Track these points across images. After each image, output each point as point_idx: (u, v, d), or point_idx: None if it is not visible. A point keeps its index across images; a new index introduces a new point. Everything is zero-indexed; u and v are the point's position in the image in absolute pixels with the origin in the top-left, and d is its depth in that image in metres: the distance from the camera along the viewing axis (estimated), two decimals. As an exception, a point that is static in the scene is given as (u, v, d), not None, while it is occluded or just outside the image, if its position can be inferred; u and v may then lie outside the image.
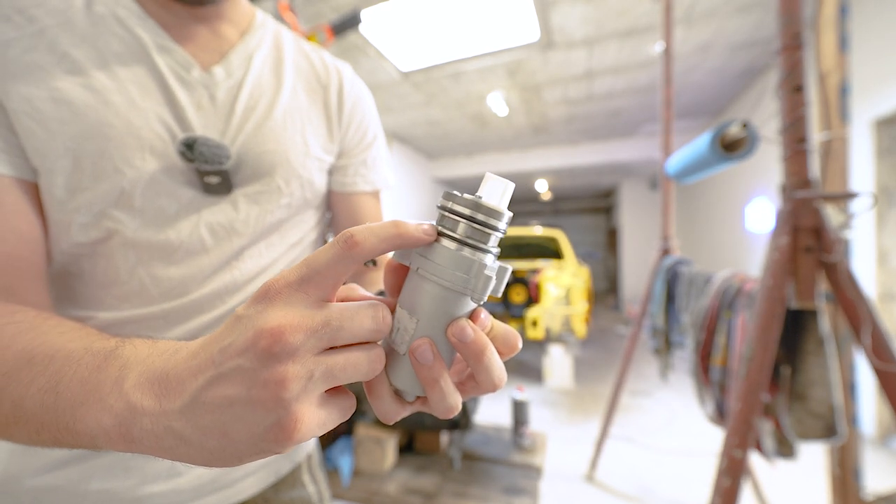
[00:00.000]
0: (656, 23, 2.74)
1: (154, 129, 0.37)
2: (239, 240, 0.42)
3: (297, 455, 0.54)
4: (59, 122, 0.33)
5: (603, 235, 11.02)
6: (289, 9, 1.49)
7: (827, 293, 0.90)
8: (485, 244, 0.21)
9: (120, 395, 0.20)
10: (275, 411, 0.18)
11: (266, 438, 0.18)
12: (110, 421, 0.20)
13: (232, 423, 0.18)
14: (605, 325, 6.08)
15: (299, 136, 0.46)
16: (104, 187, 0.35)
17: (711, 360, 1.25)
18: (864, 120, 2.31)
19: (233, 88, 0.42)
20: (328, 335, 0.19)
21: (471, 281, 0.21)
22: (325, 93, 0.50)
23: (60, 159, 0.33)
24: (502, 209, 0.21)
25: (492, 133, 5.33)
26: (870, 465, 1.98)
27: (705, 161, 1.26)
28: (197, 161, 0.37)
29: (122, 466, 0.39)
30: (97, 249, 0.37)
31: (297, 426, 0.18)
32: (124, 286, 0.38)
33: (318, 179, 0.49)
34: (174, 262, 0.39)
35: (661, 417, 2.76)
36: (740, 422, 0.84)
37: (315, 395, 0.19)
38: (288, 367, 0.18)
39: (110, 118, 0.35)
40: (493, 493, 1.39)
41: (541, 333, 3.36)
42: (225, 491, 0.44)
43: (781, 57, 0.91)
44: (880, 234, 2.30)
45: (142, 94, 0.37)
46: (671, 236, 1.96)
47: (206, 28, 0.42)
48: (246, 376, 0.18)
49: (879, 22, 2.24)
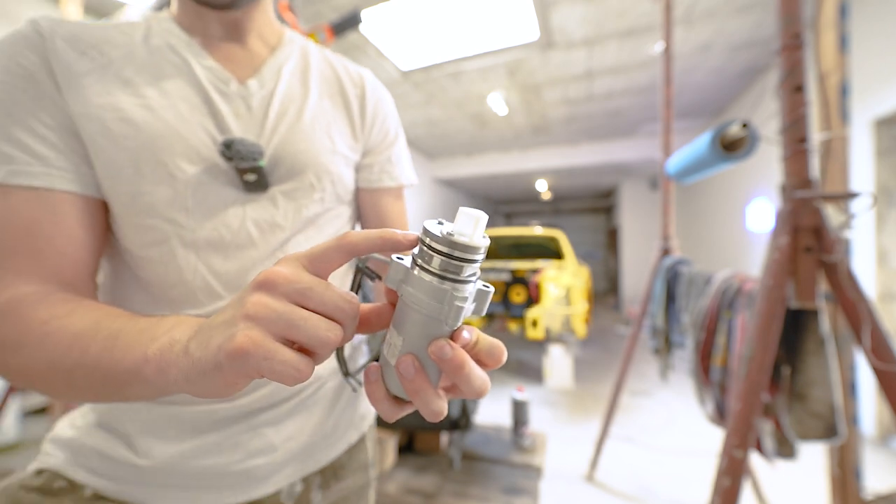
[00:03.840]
0: (656, 23, 2.74)
1: (199, 137, 0.42)
2: (282, 233, 0.47)
3: (365, 426, 0.62)
4: (124, 137, 0.39)
5: (603, 235, 11.02)
6: (289, 9, 1.49)
7: (827, 293, 0.90)
8: (458, 275, 0.24)
9: (169, 334, 0.27)
10: (237, 324, 0.22)
11: (223, 348, 0.22)
12: (154, 350, 0.26)
13: (213, 335, 0.23)
14: (605, 325, 6.08)
15: (326, 135, 0.51)
16: (162, 191, 0.41)
17: (711, 360, 1.25)
18: (864, 120, 2.31)
19: (266, 98, 0.47)
20: (303, 291, 0.23)
21: (444, 309, 0.23)
22: (348, 97, 0.55)
23: (125, 169, 0.39)
24: (474, 243, 0.23)
25: (492, 133, 5.33)
26: (870, 465, 1.98)
27: (705, 161, 1.26)
28: (235, 159, 0.42)
29: (229, 443, 0.45)
30: (163, 250, 0.42)
31: (246, 340, 0.21)
32: (189, 284, 0.42)
33: (347, 175, 0.54)
34: (229, 256, 0.44)
35: (661, 417, 2.76)
36: (740, 422, 0.84)
37: (274, 328, 0.22)
38: (263, 296, 0.23)
39: (163, 131, 0.41)
40: (493, 493, 1.39)
41: (541, 333, 3.36)
42: (310, 460, 0.51)
43: (781, 57, 0.91)
44: (880, 234, 2.30)
45: (189, 109, 0.43)
46: (671, 236, 1.96)
47: (239, 47, 0.49)
48: (239, 301, 0.23)
49: (879, 22, 2.24)
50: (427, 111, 4.44)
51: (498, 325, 3.86)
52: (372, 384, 0.27)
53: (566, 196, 10.22)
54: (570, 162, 6.05)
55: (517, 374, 3.76)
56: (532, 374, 3.73)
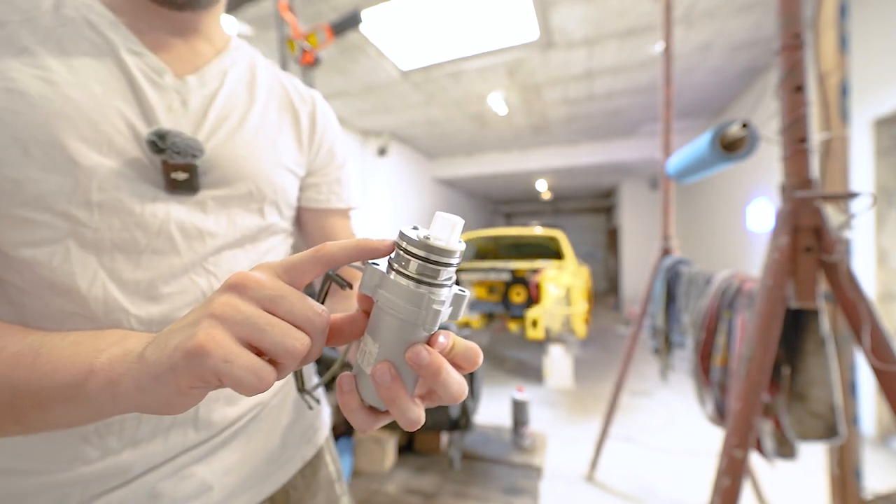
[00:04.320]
0: (656, 23, 2.74)
1: (115, 125, 0.36)
2: (212, 241, 0.42)
3: (320, 439, 0.56)
4: (11, 112, 0.32)
5: (603, 235, 11.02)
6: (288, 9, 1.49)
7: (827, 293, 0.90)
8: (435, 279, 0.23)
9: (120, 345, 0.25)
10: (201, 322, 0.21)
11: (180, 347, 0.21)
12: (103, 361, 0.24)
13: (174, 337, 0.22)
14: (605, 325, 6.08)
15: (271, 146, 0.47)
16: (56, 179, 0.33)
17: (711, 360, 1.25)
18: (864, 120, 2.31)
19: (206, 97, 0.43)
20: (274, 298, 0.22)
21: (421, 314, 0.23)
22: (297, 112, 0.52)
23: (8, 149, 0.32)
24: (450, 246, 0.23)
25: (491, 133, 5.32)
26: (870, 465, 1.98)
27: (705, 161, 1.26)
28: (168, 151, 0.37)
29: (145, 497, 0.39)
30: (53, 251, 0.34)
31: (207, 339, 0.20)
32: (82, 292, 0.35)
33: (291, 190, 0.50)
34: (141, 263, 0.37)
35: (661, 417, 2.76)
36: (740, 422, 0.84)
37: (239, 330, 0.21)
38: (232, 297, 0.22)
39: (67, 110, 0.34)
40: (493, 494, 1.39)
41: (541, 333, 3.36)
42: (255, 488, 0.46)
43: (781, 57, 0.91)
44: (880, 234, 2.30)
45: (105, 92, 0.37)
46: (671, 236, 1.96)
47: (182, 42, 0.43)
48: (206, 302, 0.23)
49: (879, 22, 2.24)
50: (427, 111, 4.44)
51: (498, 325, 3.86)
52: (346, 394, 0.26)
53: (566, 196, 10.22)
54: (570, 162, 6.05)
55: (517, 374, 3.76)
56: (532, 374, 3.73)
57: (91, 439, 0.37)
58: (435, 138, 5.52)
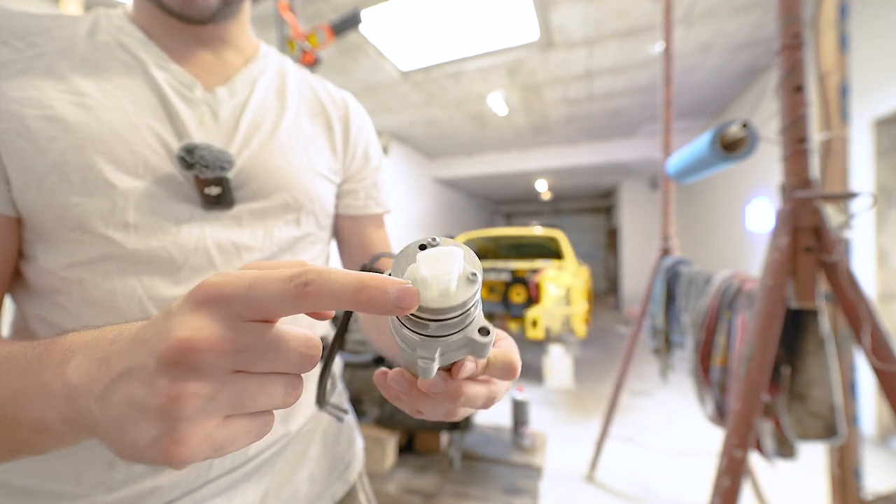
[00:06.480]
0: (656, 23, 2.74)
1: (149, 144, 0.37)
2: (250, 256, 0.41)
3: (351, 475, 0.52)
4: (49, 139, 0.33)
5: (603, 235, 11.01)
6: (289, 9, 1.49)
7: (827, 293, 0.90)
8: (423, 331, 0.20)
9: (61, 376, 0.20)
10: (162, 425, 0.16)
11: (149, 451, 0.17)
12: (51, 403, 0.20)
13: (126, 423, 0.17)
14: (605, 325, 6.08)
15: (304, 153, 0.46)
16: (95, 203, 0.34)
17: (711, 360, 1.25)
18: (864, 120, 2.31)
19: (237, 108, 0.42)
20: (245, 360, 0.17)
21: (412, 360, 0.21)
22: (329, 118, 0.51)
23: (49, 176, 0.33)
24: (436, 304, 0.18)
25: (492, 133, 5.32)
26: (870, 465, 1.98)
27: (705, 161, 1.26)
28: (197, 166, 0.36)
29: None
30: (92, 272, 0.35)
31: (180, 448, 0.16)
32: (123, 311, 0.35)
33: (327, 198, 0.49)
34: (180, 281, 0.37)
35: (661, 417, 2.76)
36: (740, 422, 0.84)
37: (214, 417, 0.17)
38: (188, 384, 0.16)
39: (102, 134, 0.35)
40: (493, 493, 1.39)
41: (541, 333, 3.36)
42: None
43: (781, 57, 0.91)
44: (880, 234, 2.30)
45: (138, 111, 0.37)
46: (671, 236, 1.96)
47: (210, 53, 0.44)
48: (147, 379, 0.16)
49: (879, 22, 2.24)
50: (427, 111, 4.44)
51: (498, 325, 3.86)
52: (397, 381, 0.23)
53: (566, 196, 10.22)
54: (569, 162, 6.05)
55: (517, 374, 3.75)
56: (532, 374, 3.73)
57: (117, 465, 0.36)
58: (435, 138, 5.52)
